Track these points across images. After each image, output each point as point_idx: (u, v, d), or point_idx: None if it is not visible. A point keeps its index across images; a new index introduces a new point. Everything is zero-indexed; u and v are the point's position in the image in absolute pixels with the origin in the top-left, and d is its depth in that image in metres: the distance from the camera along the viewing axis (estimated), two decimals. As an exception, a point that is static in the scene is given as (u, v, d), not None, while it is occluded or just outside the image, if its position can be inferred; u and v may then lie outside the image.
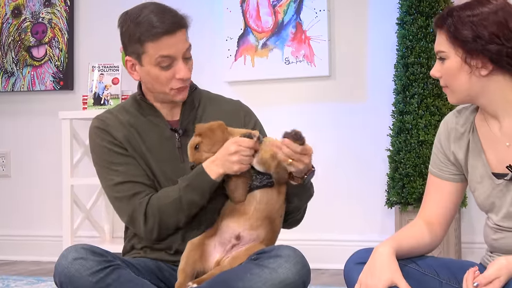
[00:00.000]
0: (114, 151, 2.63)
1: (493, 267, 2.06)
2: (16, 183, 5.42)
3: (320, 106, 4.73)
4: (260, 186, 2.51)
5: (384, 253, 2.19)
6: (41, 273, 4.69)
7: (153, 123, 2.69)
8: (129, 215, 2.58)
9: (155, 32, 2.54)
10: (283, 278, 2.33)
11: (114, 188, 2.61)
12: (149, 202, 2.56)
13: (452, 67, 2.21)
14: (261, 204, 2.50)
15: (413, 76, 4.17)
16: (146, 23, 2.55)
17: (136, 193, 2.58)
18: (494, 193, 2.24)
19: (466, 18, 2.17)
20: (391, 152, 4.25)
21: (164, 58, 2.56)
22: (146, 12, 2.57)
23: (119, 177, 2.60)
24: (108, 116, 2.70)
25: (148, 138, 2.66)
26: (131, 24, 2.58)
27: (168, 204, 2.54)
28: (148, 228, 2.56)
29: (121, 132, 2.65)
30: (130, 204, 2.57)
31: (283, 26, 4.76)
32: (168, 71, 2.58)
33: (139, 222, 2.57)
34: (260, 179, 2.51)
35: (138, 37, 2.56)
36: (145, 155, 2.63)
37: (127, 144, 2.63)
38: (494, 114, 2.24)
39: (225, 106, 2.78)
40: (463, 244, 4.33)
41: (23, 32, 5.35)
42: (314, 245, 4.55)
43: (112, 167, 2.62)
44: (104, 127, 2.66)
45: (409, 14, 4.22)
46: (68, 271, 2.34)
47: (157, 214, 2.54)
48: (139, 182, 2.60)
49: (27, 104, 5.40)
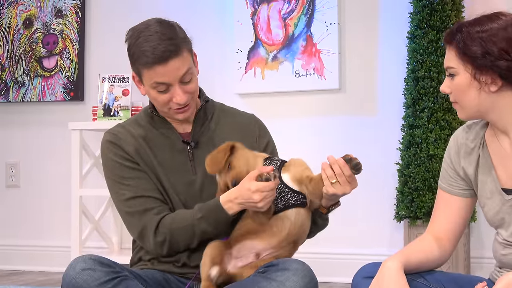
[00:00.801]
0: (126, 166, 2.63)
1: (501, 282, 2.05)
2: (25, 193, 5.43)
3: (330, 119, 4.73)
4: (295, 205, 2.47)
5: (392, 268, 2.18)
6: (49, 283, 4.69)
7: (165, 135, 2.69)
8: (140, 231, 2.59)
9: (145, 61, 2.54)
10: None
11: (125, 203, 2.61)
12: (161, 221, 2.55)
13: (461, 83, 2.20)
14: (296, 226, 2.47)
15: (423, 90, 4.16)
16: (140, 49, 2.54)
17: (147, 209, 2.58)
18: (504, 209, 2.23)
19: (476, 34, 2.16)
20: (401, 166, 4.24)
21: (159, 84, 2.56)
22: (145, 36, 2.55)
23: (130, 192, 2.60)
24: (120, 130, 2.70)
25: (160, 151, 2.66)
26: (131, 45, 2.59)
27: (181, 229, 2.54)
28: (158, 245, 2.56)
29: (133, 146, 2.65)
30: (141, 220, 2.58)
31: (294, 39, 4.77)
32: (165, 95, 2.58)
33: (148, 238, 2.57)
34: (295, 197, 2.47)
35: (135, 60, 2.58)
36: (156, 169, 2.63)
37: (138, 158, 2.64)
38: (504, 129, 2.23)
39: (239, 119, 2.78)
40: (472, 259, 4.31)
41: (34, 43, 5.37)
42: (322, 259, 4.54)
43: (123, 181, 2.62)
44: (116, 141, 2.66)
45: (419, 28, 4.22)
46: (76, 281, 2.34)
47: (168, 235, 2.55)
48: (150, 197, 2.60)
49: (37, 115, 5.41)
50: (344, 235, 4.65)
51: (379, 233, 4.58)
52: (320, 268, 3.32)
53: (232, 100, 4.62)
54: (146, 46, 2.53)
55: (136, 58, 2.56)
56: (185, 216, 2.55)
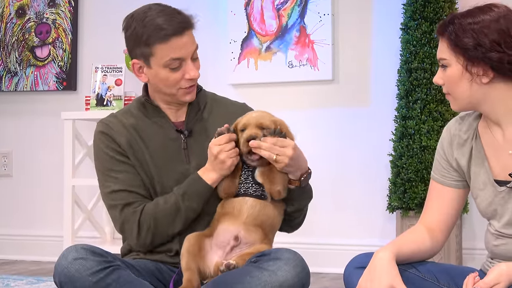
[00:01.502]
0: (115, 159, 2.64)
1: (493, 273, 2.06)
2: (17, 182, 5.42)
3: (322, 110, 4.73)
4: (253, 195, 2.54)
5: (384, 258, 2.19)
6: (41, 273, 4.69)
7: (158, 124, 2.69)
8: (120, 224, 2.61)
9: (164, 34, 2.54)
10: (282, 281, 2.33)
11: (109, 195, 2.63)
12: (143, 211, 2.57)
13: (453, 74, 2.21)
14: (254, 210, 2.53)
15: (416, 82, 4.17)
16: (154, 25, 2.54)
17: (129, 203, 2.59)
18: (496, 200, 2.24)
19: (467, 25, 2.16)
20: (393, 157, 4.25)
21: (174, 60, 2.56)
22: (153, 14, 2.57)
23: (116, 185, 2.61)
24: (112, 120, 2.70)
25: (152, 142, 2.66)
26: (137, 27, 2.57)
27: (165, 211, 2.56)
28: (142, 237, 2.58)
29: (124, 137, 2.65)
30: (122, 213, 2.59)
31: (287, 29, 4.76)
32: (177, 73, 2.59)
33: (131, 231, 2.58)
34: (256, 189, 2.55)
35: (145, 39, 2.56)
36: (147, 161, 2.64)
37: (130, 149, 2.64)
38: (496, 121, 2.24)
39: (231, 108, 2.78)
40: (464, 250, 4.33)
41: (27, 32, 5.35)
42: (315, 249, 4.55)
43: (111, 174, 2.63)
44: (108, 132, 2.66)
45: (413, 19, 4.22)
46: (68, 271, 2.34)
47: (152, 222, 2.56)
48: (134, 192, 2.61)
49: (29, 104, 5.40)
50: (337, 226, 4.66)
51: (371, 223, 4.59)
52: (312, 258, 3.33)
53: (225, 90, 4.61)
54: (159, 20, 2.54)
55: (148, 36, 2.55)
56: (167, 199, 2.58)
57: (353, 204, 4.64)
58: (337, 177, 4.67)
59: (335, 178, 4.67)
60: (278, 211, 2.59)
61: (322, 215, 4.63)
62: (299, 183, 2.55)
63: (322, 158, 4.63)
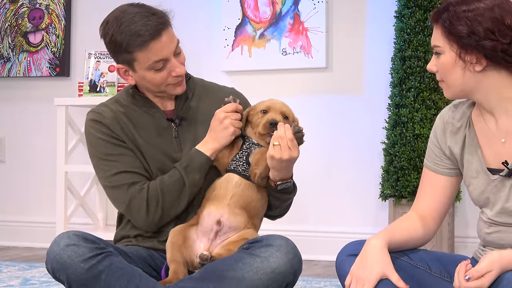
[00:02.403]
0: (111, 143, 2.63)
1: (485, 261, 2.06)
2: (10, 168, 5.42)
3: (316, 98, 4.73)
4: (240, 174, 2.56)
5: (376, 246, 2.19)
6: (34, 259, 4.69)
7: (149, 114, 2.68)
8: (128, 202, 2.59)
9: (141, 40, 2.52)
10: (274, 267, 2.34)
11: (111, 178, 2.61)
12: (149, 187, 2.57)
13: (447, 62, 2.20)
14: (238, 189, 2.54)
15: (410, 70, 4.17)
16: (131, 32, 2.52)
17: (134, 182, 2.59)
18: (489, 189, 2.24)
19: (462, 13, 2.16)
20: (386, 145, 4.25)
21: (157, 62, 2.55)
22: (127, 19, 2.53)
23: (117, 167, 2.60)
24: (103, 109, 2.69)
25: (144, 130, 2.66)
26: (115, 34, 2.55)
27: (171, 185, 2.57)
28: (151, 212, 2.57)
29: (118, 125, 2.64)
30: (128, 192, 2.58)
31: (281, 16, 4.75)
32: (163, 72, 2.58)
33: (139, 209, 2.57)
34: (245, 168, 2.57)
35: (125, 47, 2.55)
36: (141, 147, 2.63)
37: (124, 136, 2.63)
38: (490, 110, 2.24)
39: (220, 94, 2.77)
40: (456, 238, 4.34)
41: (20, 18, 5.33)
42: (307, 237, 4.56)
43: (109, 158, 2.62)
44: (100, 119, 2.65)
45: (407, 7, 4.22)
46: (60, 257, 2.34)
47: (160, 197, 2.56)
48: (137, 173, 2.61)
49: (23, 90, 5.38)
50: (329, 213, 4.67)
51: (364, 211, 4.60)
52: (304, 246, 3.33)
53: (219, 77, 4.61)
54: (135, 27, 2.51)
55: (127, 44, 2.53)
56: (171, 174, 2.59)
57: (345, 192, 4.65)
58: (330, 164, 4.67)
59: (328, 165, 4.67)
60: (261, 195, 2.59)
61: (315, 202, 4.63)
62: (275, 185, 2.56)
63: (315, 146, 4.63)
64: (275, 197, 2.62)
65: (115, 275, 2.35)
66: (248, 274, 2.34)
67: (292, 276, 2.40)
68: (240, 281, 2.34)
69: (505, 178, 2.21)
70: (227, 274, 2.34)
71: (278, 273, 2.35)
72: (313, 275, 4.05)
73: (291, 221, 2.92)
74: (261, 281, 2.34)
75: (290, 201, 2.70)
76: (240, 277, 2.34)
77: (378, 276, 2.15)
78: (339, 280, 2.31)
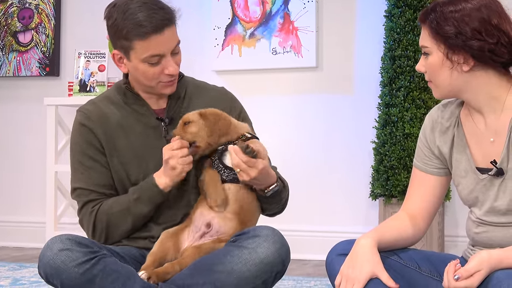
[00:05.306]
0: (85, 154, 2.64)
1: (474, 260, 2.07)
2: (0, 168, 5.40)
3: (306, 97, 4.74)
4: (227, 181, 2.53)
5: (366, 245, 2.20)
6: (24, 259, 4.67)
7: (139, 112, 2.67)
8: (79, 220, 2.66)
9: (143, 31, 2.50)
10: (262, 257, 2.35)
11: (73, 191, 2.67)
12: (99, 211, 2.59)
13: (434, 62, 2.21)
14: (229, 192, 2.52)
15: (399, 69, 4.18)
16: (134, 20, 2.50)
17: (90, 201, 2.62)
18: (477, 188, 2.25)
19: (449, 14, 2.17)
20: (376, 145, 4.26)
21: (153, 57, 2.54)
22: (134, 7, 2.52)
23: (81, 181, 2.64)
24: (92, 109, 2.68)
25: (132, 130, 2.65)
26: (118, 19, 2.53)
27: (117, 214, 2.58)
28: (96, 237, 2.61)
29: (103, 128, 2.64)
30: (82, 210, 2.63)
31: (271, 16, 4.76)
32: (156, 67, 2.56)
33: (87, 230, 2.63)
34: (227, 173, 2.54)
35: (125, 33, 2.53)
36: (119, 152, 2.63)
37: (104, 140, 2.63)
38: (478, 109, 2.25)
39: (211, 93, 2.77)
40: (446, 238, 4.35)
41: (9, 17, 5.32)
42: (297, 236, 4.56)
43: (80, 168, 2.65)
44: (88, 124, 2.65)
45: (397, 7, 4.22)
46: (54, 262, 2.33)
47: (105, 224, 2.59)
48: (95, 191, 2.63)
49: (12, 90, 5.37)
50: (319, 213, 4.67)
51: (354, 211, 4.61)
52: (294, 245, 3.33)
53: (209, 77, 4.61)
54: (140, 16, 2.50)
55: (127, 31, 2.51)
56: (122, 202, 2.59)
57: (336, 191, 4.65)
58: (320, 164, 4.68)
59: (318, 165, 4.68)
60: (253, 196, 2.59)
61: (305, 202, 4.64)
62: (263, 193, 2.56)
63: (305, 145, 4.63)
64: (268, 202, 2.62)
65: (109, 278, 2.34)
66: (237, 266, 2.35)
67: (281, 266, 2.41)
68: (230, 274, 2.35)
69: (493, 177, 2.21)
70: (216, 268, 2.35)
71: (267, 263, 2.36)
72: (303, 275, 4.06)
73: (281, 221, 2.91)
74: (250, 272, 2.35)
75: (285, 198, 2.71)
76: (229, 270, 2.35)
77: (368, 276, 2.15)
78: (329, 280, 2.31)
